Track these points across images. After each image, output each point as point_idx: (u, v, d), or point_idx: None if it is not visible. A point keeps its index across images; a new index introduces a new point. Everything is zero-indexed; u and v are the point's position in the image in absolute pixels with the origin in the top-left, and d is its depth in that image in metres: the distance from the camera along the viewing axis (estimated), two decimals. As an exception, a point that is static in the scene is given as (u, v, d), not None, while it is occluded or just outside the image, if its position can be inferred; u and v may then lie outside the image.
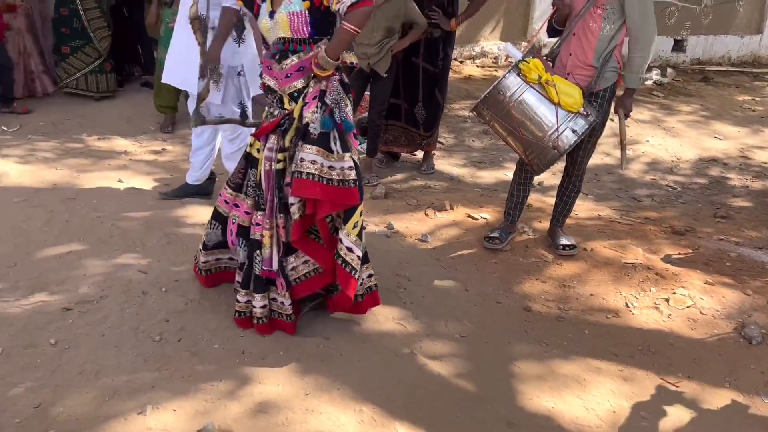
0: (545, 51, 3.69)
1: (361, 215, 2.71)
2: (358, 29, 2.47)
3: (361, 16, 2.45)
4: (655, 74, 8.42)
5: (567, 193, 3.83)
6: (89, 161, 4.62)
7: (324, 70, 2.55)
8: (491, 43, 8.34)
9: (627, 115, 3.61)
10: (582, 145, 3.52)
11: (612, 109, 3.59)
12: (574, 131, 3.33)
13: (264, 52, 2.74)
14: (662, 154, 6.07)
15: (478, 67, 8.15)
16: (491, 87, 3.38)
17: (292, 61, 2.61)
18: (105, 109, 5.79)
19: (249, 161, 2.83)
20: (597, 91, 3.47)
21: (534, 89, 3.31)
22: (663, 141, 6.38)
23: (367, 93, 4.81)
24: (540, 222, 4.17)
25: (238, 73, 3.79)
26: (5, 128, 5.14)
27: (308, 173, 2.54)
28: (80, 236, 3.47)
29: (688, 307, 3.43)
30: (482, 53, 8.32)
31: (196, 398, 2.44)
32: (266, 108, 2.81)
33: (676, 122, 6.96)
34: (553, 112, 3.31)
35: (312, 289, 2.85)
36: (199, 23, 2.91)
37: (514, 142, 3.47)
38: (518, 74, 3.32)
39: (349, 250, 2.68)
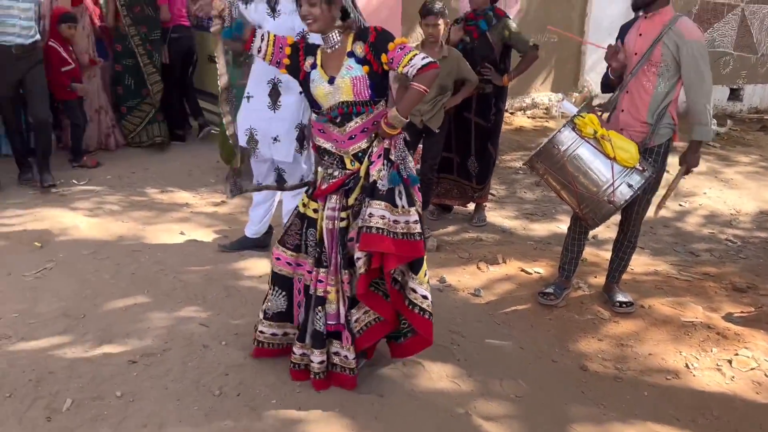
0: (596, 101, 3.70)
1: (425, 264, 2.79)
2: (427, 89, 2.63)
3: (430, 77, 2.61)
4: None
5: (623, 248, 3.79)
6: (153, 213, 4.82)
7: (394, 129, 2.67)
8: (542, 94, 8.40)
9: (689, 171, 3.57)
10: (637, 200, 3.50)
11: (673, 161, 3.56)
12: (630, 186, 3.31)
13: (314, 116, 2.82)
14: (720, 207, 5.94)
15: (529, 118, 8.19)
16: (546, 141, 3.41)
17: (356, 123, 2.71)
18: (167, 162, 6.05)
19: (304, 221, 2.89)
20: (651, 147, 3.47)
21: (589, 144, 3.32)
22: (721, 193, 6.25)
23: (420, 146, 4.90)
24: (595, 277, 4.12)
25: (274, 139, 3.72)
26: (75, 181, 5.42)
27: (377, 228, 2.62)
28: (145, 288, 3.61)
29: (752, 369, 3.33)
30: (533, 104, 8.37)
31: (255, 454, 2.49)
32: (321, 169, 2.86)
33: (735, 173, 6.82)
34: (608, 167, 3.31)
35: (375, 339, 2.89)
36: (227, 94, 2.92)
37: (568, 196, 3.47)
38: (573, 129, 3.35)
39: (424, 297, 2.77)
